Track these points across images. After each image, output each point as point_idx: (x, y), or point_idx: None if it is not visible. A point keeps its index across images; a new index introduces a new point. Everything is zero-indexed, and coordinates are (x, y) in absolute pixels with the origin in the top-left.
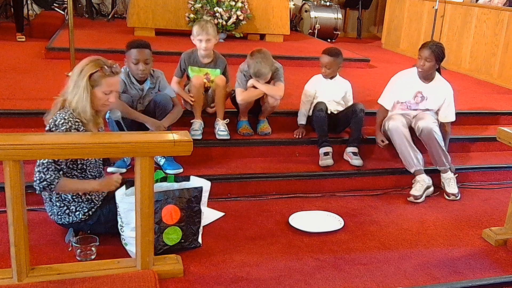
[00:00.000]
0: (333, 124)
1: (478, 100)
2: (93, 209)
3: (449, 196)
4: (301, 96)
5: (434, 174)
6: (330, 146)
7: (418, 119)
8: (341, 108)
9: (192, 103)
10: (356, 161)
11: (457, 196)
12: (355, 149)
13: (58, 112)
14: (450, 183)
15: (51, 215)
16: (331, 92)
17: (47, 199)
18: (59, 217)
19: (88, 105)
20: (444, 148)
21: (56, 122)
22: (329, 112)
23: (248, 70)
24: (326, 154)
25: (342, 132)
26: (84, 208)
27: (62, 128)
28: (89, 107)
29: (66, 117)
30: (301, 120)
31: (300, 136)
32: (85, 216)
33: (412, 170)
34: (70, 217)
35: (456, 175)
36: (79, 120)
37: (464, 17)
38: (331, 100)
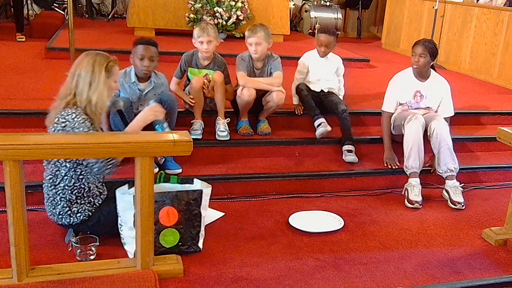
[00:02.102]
0: (323, 105)
1: (478, 100)
2: (93, 211)
3: (455, 205)
4: None
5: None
6: (323, 117)
7: (429, 120)
8: (332, 85)
9: (192, 104)
10: (350, 158)
11: (463, 205)
12: (349, 147)
13: (64, 111)
14: (456, 192)
15: (51, 215)
16: (323, 69)
17: (50, 198)
18: (60, 217)
19: (107, 98)
20: (453, 153)
21: (71, 118)
22: (319, 90)
23: (246, 56)
24: (319, 125)
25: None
26: (86, 210)
27: (80, 122)
28: (106, 100)
29: (77, 113)
30: (295, 100)
31: (301, 113)
32: (85, 217)
33: (408, 172)
34: (71, 218)
35: (462, 184)
36: (88, 118)
37: (464, 17)
38: (322, 78)
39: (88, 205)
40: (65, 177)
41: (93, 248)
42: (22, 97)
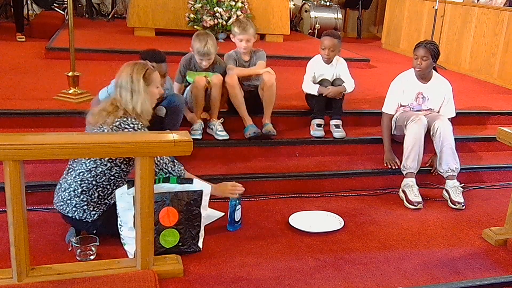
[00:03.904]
0: (326, 103)
1: (478, 100)
2: (105, 210)
3: (455, 205)
4: (301, 96)
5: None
6: (323, 118)
7: (433, 119)
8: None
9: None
10: (338, 134)
11: (463, 205)
12: (337, 122)
13: (127, 118)
14: (457, 192)
15: (62, 205)
16: (328, 76)
17: (70, 188)
18: (74, 209)
19: (149, 105)
20: (456, 153)
21: (136, 127)
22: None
23: (232, 53)
24: (319, 125)
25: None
26: (100, 210)
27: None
28: (150, 107)
29: (134, 121)
30: (315, 90)
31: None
32: (97, 217)
33: (405, 172)
34: (85, 214)
35: (462, 184)
36: (141, 122)
37: (464, 17)
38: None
39: (104, 206)
40: (99, 175)
41: (93, 248)
42: (22, 97)
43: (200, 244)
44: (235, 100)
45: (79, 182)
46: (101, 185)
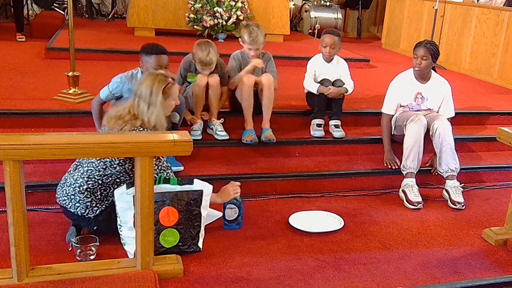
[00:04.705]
0: (326, 103)
1: (478, 100)
2: (108, 206)
3: (455, 205)
4: (301, 96)
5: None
6: (323, 118)
7: (432, 119)
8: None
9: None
10: (338, 133)
11: (463, 205)
12: (337, 122)
13: (139, 128)
14: (457, 192)
15: (65, 199)
16: (329, 75)
17: (76, 184)
18: (78, 205)
19: (164, 118)
20: (455, 153)
21: None
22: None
23: (237, 54)
24: (319, 125)
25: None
26: (102, 206)
27: None
28: (164, 121)
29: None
30: (315, 88)
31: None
32: (99, 213)
33: (405, 172)
34: (88, 210)
35: (462, 184)
36: None
37: (464, 17)
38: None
39: (106, 202)
40: (106, 175)
41: (93, 248)
42: (22, 97)
43: (200, 244)
44: (247, 99)
45: (85, 179)
46: (106, 185)
